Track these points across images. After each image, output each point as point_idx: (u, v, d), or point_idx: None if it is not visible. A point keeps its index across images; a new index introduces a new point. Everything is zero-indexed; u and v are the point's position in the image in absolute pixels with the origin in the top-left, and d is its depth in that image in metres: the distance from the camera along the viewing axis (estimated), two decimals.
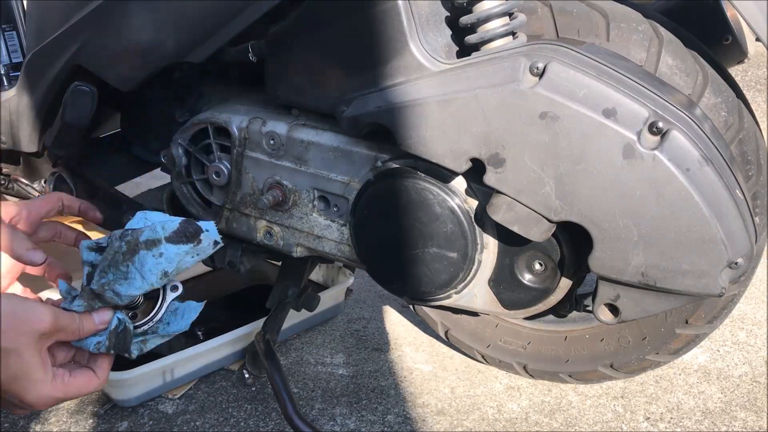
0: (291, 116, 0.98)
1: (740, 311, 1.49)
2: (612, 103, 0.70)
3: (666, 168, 0.69)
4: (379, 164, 0.89)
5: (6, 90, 1.23)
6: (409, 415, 1.19)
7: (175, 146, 1.07)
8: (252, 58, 0.96)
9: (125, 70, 1.03)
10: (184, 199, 1.10)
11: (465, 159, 0.78)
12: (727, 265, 0.71)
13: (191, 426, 1.18)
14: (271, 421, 1.18)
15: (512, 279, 0.87)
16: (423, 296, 0.93)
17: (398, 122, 0.81)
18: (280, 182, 0.98)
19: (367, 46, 0.84)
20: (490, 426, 1.16)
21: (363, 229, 0.93)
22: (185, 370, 1.27)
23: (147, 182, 1.74)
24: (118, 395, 1.21)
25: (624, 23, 0.88)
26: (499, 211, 0.78)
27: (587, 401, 1.22)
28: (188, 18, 0.95)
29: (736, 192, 0.72)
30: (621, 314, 0.80)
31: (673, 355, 1.07)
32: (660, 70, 0.87)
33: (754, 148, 0.90)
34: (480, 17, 0.82)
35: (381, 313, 1.56)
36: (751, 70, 2.10)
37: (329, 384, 1.29)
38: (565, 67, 0.72)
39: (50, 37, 1.08)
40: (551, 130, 0.72)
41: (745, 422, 1.15)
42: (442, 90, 0.78)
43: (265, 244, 1.05)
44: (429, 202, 0.85)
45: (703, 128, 0.74)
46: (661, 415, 1.18)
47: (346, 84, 0.87)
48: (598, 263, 0.76)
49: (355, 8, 0.83)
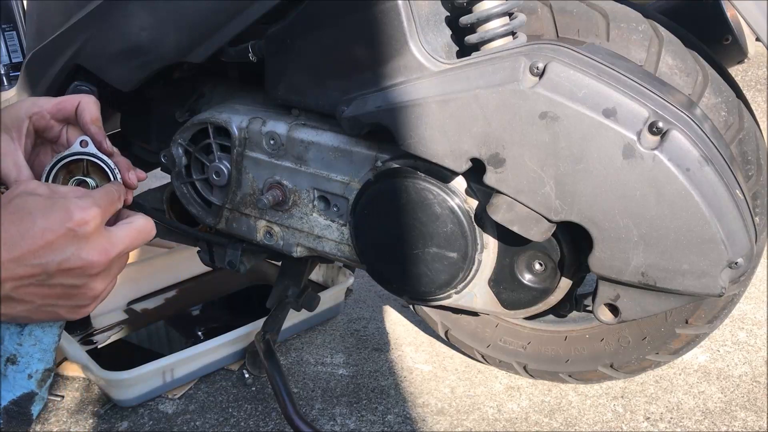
0: (291, 116, 0.98)
1: (740, 311, 1.49)
2: (612, 103, 0.70)
3: (666, 168, 0.69)
4: (379, 164, 0.89)
5: (6, 90, 1.23)
6: (409, 415, 1.19)
7: (175, 146, 1.07)
8: (252, 58, 0.96)
9: (125, 70, 1.03)
10: (184, 199, 1.10)
11: (465, 159, 0.78)
12: (727, 265, 0.71)
13: (191, 426, 1.18)
14: (271, 421, 1.18)
15: (512, 279, 0.87)
16: (423, 296, 0.93)
17: (398, 122, 0.81)
18: (280, 182, 0.98)
19: (367, 46, 0.84)
20: (490, 426, 1.16)
21: (363, 229, 0.93)
22: (185, 370, 1.27)
23: (147, 182, 1.75)
24: (118, 395, 1.21)
25: (624, 23, 0.88)
26: (499, 211, 0.78)
27: (587, 401, 1.22)
28: (188, 18, 0.95)
29: (736, 192, 0.72)
30: (621, 314, 0.80)
31: (673, 355, 1.07)
32: (660, 70, 0.87)
33: (754, 148, 0.90)
34: (480, 17, 0.82)
35: (381, 313, 1.56)
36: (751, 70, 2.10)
37: (329, 384, 1.29)
38: (565, 67, 0.72)
39: (50, 37, 1.08)
40: (551, 130, 0.72)
41: (745, 422, 1.15)
42: (442, 90, 0.78)
43: (265, 244, 1.05)
44: (429, 202, 0.85)
45: (703, 128, 0.74)
46: (661, 415, 1.17)
47: (346, 84, 0.87)
48: (598, 263, 0.76)
49: (354, 8, 0.83)
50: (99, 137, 0.71)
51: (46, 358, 0.63)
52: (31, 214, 0.56)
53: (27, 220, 0.55)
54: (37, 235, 0.55)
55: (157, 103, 1.20)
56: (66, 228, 0.55)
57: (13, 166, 0.69)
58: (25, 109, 0.71)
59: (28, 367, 0.61)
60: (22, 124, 0.71)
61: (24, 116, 0.71)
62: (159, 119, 1.20)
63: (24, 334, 0.61)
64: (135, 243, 0.62)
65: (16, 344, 0.61)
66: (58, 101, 0.72)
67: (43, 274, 0.55)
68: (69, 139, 0.73)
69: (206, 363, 1.30)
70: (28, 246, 0.54)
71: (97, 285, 0.59)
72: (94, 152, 0.69)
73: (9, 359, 0.61)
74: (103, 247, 0.58)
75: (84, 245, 0.56)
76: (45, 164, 0.71)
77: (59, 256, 0.55)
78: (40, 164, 0.75)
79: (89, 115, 0.71)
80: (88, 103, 0.72)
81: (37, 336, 0.62)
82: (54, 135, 0.74)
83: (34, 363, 0.62)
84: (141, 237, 0.63)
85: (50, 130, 0.73)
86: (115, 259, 0.60)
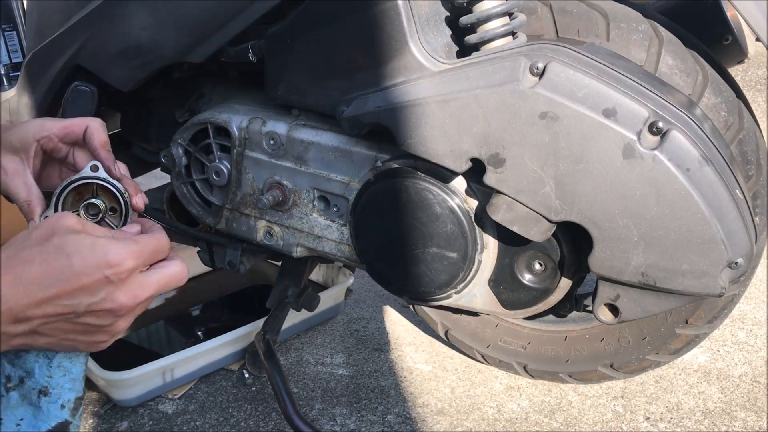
0: (291, 116, 0.98)
1: (740, 311, 1.49)
2: (612, 103, 0.70)
3: (666, 168, 0.69)
4: (379, 164, 0.89)
5: (6, 90, 1.23)
6: (409, 415, 1.19)
7: (175, 146, 1.07)
8: (252, 58, 0.96)
9: (125, 70, 1.03)
10: (184, 199, 1.10)
11: (465, 159, 0.78)
12: (727, 265, 0.71)
13: (191, 426, 1.18)
14: (271, 421, 1.18)
15: (512, 279, 0.87)
16: (423, 296, 0.93)
17: (398, 122, 0.81)
18: (280, 182, 0.98)
19: (367, 46, 0.84)
20: (490, 426, 1.16)
21: (363, 229, 0.93)
22: (185, 370, 1.27)
23: (147, 182, 1.75)
24: (118, 395, 1.21)
25: (624, 23, 0.88)
26: (499, 211, 0.78)
27: (587, 401, 1.22)
28: (188, 18, 0.95)
29: (736, 192, 0.72)
30: (621, 314, 0.80)
31: (673, 355, 1.07)
32: (660, 70, 0.87)
33: (754, 148, 0.90)
34: (480, 17, 0.82)
35: (381, 313, 1.56)
36: (751, 70, 2.10)
37: (329, 384, 1.29)
38: (565, 67, 0.72)
39: (50, 37, 1.08)
40: (551, 130, 0.72)
41: (745, 422, 1.14)
42: (442, 90, 0.78)
43: (265, 244, 1.05)
44: (429, 202, 0.85)
45: (703, 128, 0.74)
46: (661, 415, 1.17)
47: (346, 84, 0.87)
48: (598, 263, 0.76)
49: (354, 8, 0.83)
50: (108, 162, 0.72)
51: (77, 387, 0.64)
52: (70, 256, 0.56)
53: (64, 261, 0.56)
54: (72, 278, 0.55)
55: (157, 103, 1.20)
56: (102, 274, 0.56)
57: (23, 185, 0.71)
58: (33, 131, 0.73)
59: (60, 398, 0.63)
60: (30, 147, 0.73)
61: (32, 139, 0.73)
62: (159, 119, 1.20)
63: (53, 366, 0.63)
64: (165, 288, 0.63)
65: (47, 376, 0.62)
66: (66, 124, 0.74)
67: (72, 314, 0.57)
68: (77, 160, 0.75)
69: (206, 363, 1.30)
70: (62, 287, 0.55)
71: (121, 324, 0.60)
72: (105, 177, 0.71)
73: (41, 391, 0.62)
74: (134, 292, 0.59)
75: (115, 290, 0.57)
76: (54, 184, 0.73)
77: (91, 299, 0.56)
78: (48, 180, 0.77)
79: (98, 140, 0.73)
80: (97, 127, 0.74)
81: (66, 367, 0.63)
82: (62, 155, 0.76)
83: (66, 393, 0.63)
84: (172, 283, 0.64)
85: (58, 151, 0.76)
86: (144, 301, 0.61)
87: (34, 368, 0.62)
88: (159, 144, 1.21)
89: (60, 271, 0.55)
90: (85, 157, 0.75)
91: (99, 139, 0.73)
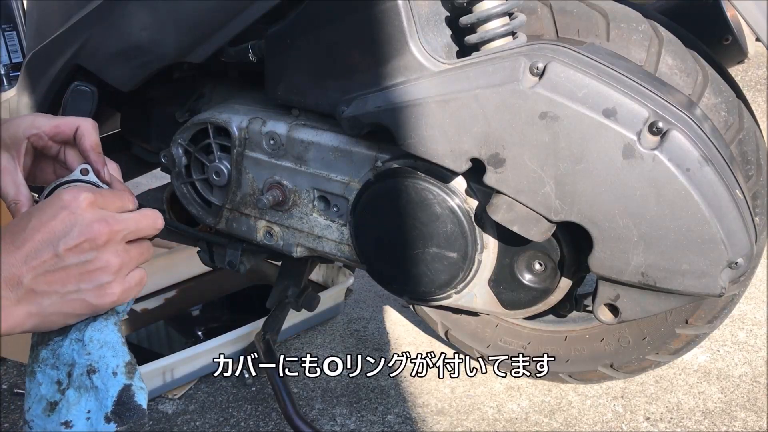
0: (291, 116, 0.98)
1: (740, 311, 1.49)
2: (612, 103, 0.70)
3: (666, 168, 0.69)
4: (379, 164, 0.89)
5: (6, 90, 1.23)
6: (409, 415, 1.19)
7: (175, 146, 1.06)
8: (252, 58, 0.96)
9: (125, 70, 1.03)
10: (184, 199, 1.10)
11: (465, 159, 0.78)
12: (727, 265, 0.71)
13: (191, 426, 1.18)
14: (271, 421, 1.18)
15: (512, 279, 0.87)
16: (423, 296, 0.93)
17: (398, 122, 0.81)
18: (280, 182, 0.98)
19: (367, 46, 0.84)
20: (490, 426, 1.16)
21: (363, 229, 0.93)
22: (185, 370, 1.27)
23: (147, 182, 1.75)
24: None
25: (624, 23, 0.88)
26: (499, 211, 0.78)
27: (587, 401, 1.22)
28: (188, 18, 0.95)
29: (736, 192, 0.72)
30: (621, 314, 0.80)
31: (673, 355, 1.07)
32: (660, 70, 0.87)
33: (754, 148, 0.90)
34: (480, 17, 0.82)
35: (381, 313, 1.56)
36: (751, 70, 2.10)
37: (329, 384, 1.29)
38: (565, 67, 0.72)
39: (50, 37, 1.08)
40: (551, 130, 0.72)
41: (745, 422, 1.14)
42: (442, 90, 0.78)
43: (265, 244, 1.05)
44: (429, 202, 0.85)
45: (703, 128, 0.74)
46: (661, 415, 1.17)
47: (346, 84, 0.87)
48: (598, 263, 0.76)
49: (354, 8, 0.83)
50: (98, 165, 0.72)
51: (120, 353, 0.64)
52: (32, 214, 0.60)
53: (28, 219, 0.60)
54: (37, 226, 0.59)
55: (157, 103, 1.20)
56: (60, 209, 0.59)
57: (12, 184, 0.71)
58: (23, 129, 0.73)
59: (108, 368, 0.63)
60: (20, 144, 0.73)
61: (22, 136, 0.72)
62: (159, 119, 1.20)
63: (86, 344, 0.63)
64: (141, 224, 0.63)
65: (86, 355, 0.63)
66: (57, 123, 0.73)
67: (54, 258, 0.58)
68: (68, 159, 0.75)
69: (206, 363, 1.30)
70: (32, 235, 0.58)
71: (110, 258, 0.60)
72: (95, 181, 0.71)
73: (89, 371, 0.62)
74: (102, 217, 0.60)
75: (81, 219, 0.59)
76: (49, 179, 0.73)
77: (62, 235, 0.58)
78: (42, 174, 0.77)
79: (89, 141, 0.72)
80: (88, 128, 0.73)
81: (99, 339, 0.63)
82: (53, 153, 0.76)
83: (111, 361, 0.63)
84: (146, 221, 0.64)
85: (49, 149, 0.75)
86: (120, 232, 0.61)
87: (73, 356, 0.63)
88: (159, 144, 1.21)
89: (26, 227, 0.59)
90: (77, 157, 0.74)
91: (90, 141, 0.72)
